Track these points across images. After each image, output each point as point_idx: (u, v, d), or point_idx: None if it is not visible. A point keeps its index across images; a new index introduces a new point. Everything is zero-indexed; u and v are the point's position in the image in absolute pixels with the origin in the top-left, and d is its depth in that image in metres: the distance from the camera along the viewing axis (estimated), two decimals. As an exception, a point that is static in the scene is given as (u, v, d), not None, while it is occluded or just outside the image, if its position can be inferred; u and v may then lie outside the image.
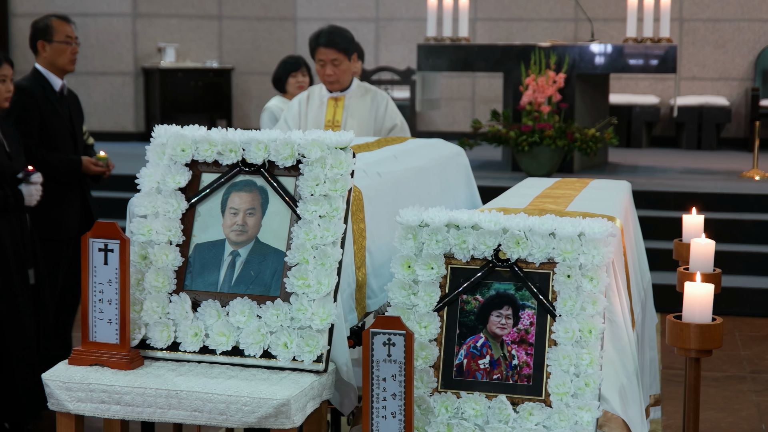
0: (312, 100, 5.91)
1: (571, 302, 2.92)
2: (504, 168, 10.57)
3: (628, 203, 4.57)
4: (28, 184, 5.23)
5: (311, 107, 5.89)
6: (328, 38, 5.71)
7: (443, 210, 3.11)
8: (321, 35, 5.75)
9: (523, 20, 14.04)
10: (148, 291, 3.14)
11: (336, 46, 5.70)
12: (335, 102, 5.85)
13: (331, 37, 5.72)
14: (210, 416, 2.88)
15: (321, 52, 5.73)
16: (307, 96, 5.95)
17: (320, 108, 5.88)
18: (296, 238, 3.08)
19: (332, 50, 5.71)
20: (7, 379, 5.21)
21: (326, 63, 5.73)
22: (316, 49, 5.75)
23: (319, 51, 5.74)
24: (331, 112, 5.85)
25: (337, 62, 5.73)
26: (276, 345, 3.02)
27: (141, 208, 3.21)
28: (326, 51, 5.71)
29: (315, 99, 5.91)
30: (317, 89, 5.95)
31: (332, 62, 5.72)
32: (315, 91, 5.96)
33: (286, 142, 3.15)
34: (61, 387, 2.97)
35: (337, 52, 5.72)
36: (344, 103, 5.85)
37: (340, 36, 5.75)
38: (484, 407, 2.92)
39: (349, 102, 5.86)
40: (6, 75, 5.21)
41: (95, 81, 13.63)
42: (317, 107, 5.88)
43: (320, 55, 5.75)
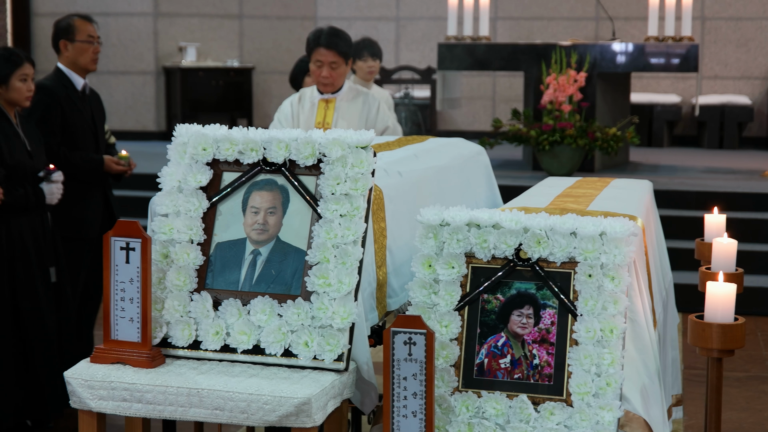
0: (303, 101, 5.78)
1: (593, 302, 2.92)
2: (525, 167, 10.55)
3: (650, 202, 4.55)
4: (49, 183, 5.25)
5: (303, 109, 5.76)
6: (329, 40, 5.57)
7: (464, 209, 3.11)
8: (321, 36, 5.59)
9: (543, 19, 14.01)
10: (170, 289, 3.14)
11: (337, 49, 5.56)
12: (326, 104, 5.71)
13: (332, 39, 5.57)
14: (231, 415, 2.88)
15: (320, 53, 5.58)
16: (298, 97, 5.81)
17: (311, 110, 5.74)
18: (317, 237, 3.09)
19: (332, 53, 5.57)
20: (30, 376, 5.23)
21: (324, 65, 5.59)
22: (315, 49, 5.59)
23: (318, 52, 5.59)
24: (321, 113, 5.71)
25: (335, 65, 5.59)
26: (297, 344, 3.03)
27: (162, 207, 3.22)
28: (326, 53, 5.56)
29: (306, 101, 5.78)
30: (308, 91, 5.81)
31: (330, 65, 5.59)
32: (306, 93, 5.81)
33: (307, 141, 3.15)
34: (83, 385, 2.99)
35: (336, 55, 5.58)
36: (335, 105, 5.71)
37: (341, 38, 5.61)
38: (505, 407, 2.92)
39: (340, 104, 5.72)
40: (27, 74, 5.24)
41: (117, 80, 13.68)
42: (308, 109, 5.75)
43: (319, 56, 5.59)
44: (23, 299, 5.15)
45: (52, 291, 5.33)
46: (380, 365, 2.89)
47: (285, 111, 5.76)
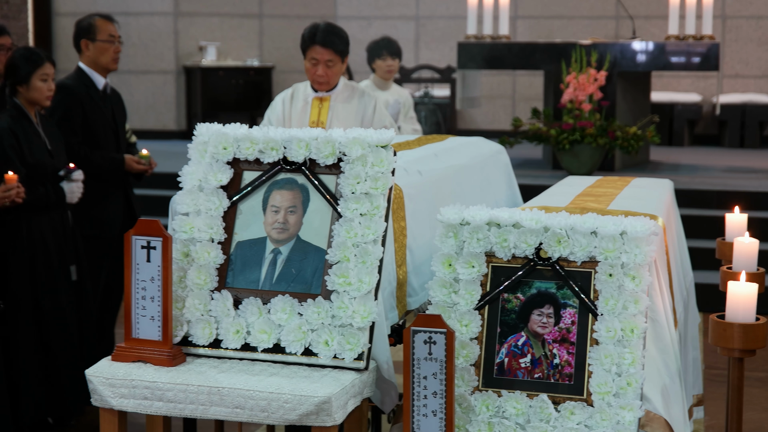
0: (296, 99, 5.53)
1: (613, 301, 2.91)
2: (545, 166, 10.53)
3: (671, 202, 4.54)
4: (69, 182, 5.27)
5: (295, 107, 5.52)
6: (326, 38, 5.31)
7: (484, 208, 3.11)
8: (317, 33, 5.33)
9: (563, 18, 13.97)
10: (191, 288, 3.15)
11: (333, 47, 5.32)
12: (320, 102, 5.46)
13: (329, 37, 5.32)
14: (252, 413, 2.89)
15: (316, 50, 5.32)
16: (291, 94, 5.55)
17: (304, 108, 5.50)
18: (337, 236, 3.09)
19: (329, 51, 5.31)
20: (51, 374, 5.26)
21: (319, 63, 5.34)
22: (311, 46, 5.33)
23: (314, 49, 5.32)
24: (315, 112, 5.47)
25: (331, 63, 5.35)
26: (317, 343, 3.03)
27: (183, 206, 3.23)
28: (322, 51, 5.30)
29: (299, 98, 5.53)
30: (302, 87, 5.56)
31: (326, 63, 5.33)
32: (299, 90, 5.57)
33: (327, 140, 3.16)
34: (104, 383, 3.00)
35: (333, 53, 5.33)
36: (329, 104, 5.48)
37: (337, 36, 5.36)
38: (525, 406, 2.92)
39: (335, 103, 5.47)
40: (48, 74, 5.26)
41: (137, 80, 13.72)
42: (301, 107, 5.50)
43: (314, 53, 5.33)
44: (44, 297, 5.18)
45: (72, 289, 5.35)
46: (400, 364, 2.89)
47: (276, 110, 5.55)
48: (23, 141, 5.13)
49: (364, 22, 14.38)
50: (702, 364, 5.33)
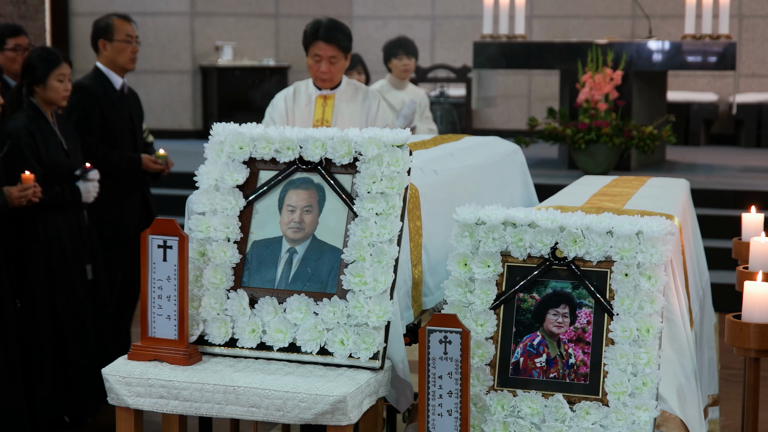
0: (299, 97, 5.42)
1: (629, 301, 2.90)
2: (560, 166, 10.51)
3: (687, 201, 4.53)
4: (85, 181, 5.29)
5: (298, 105, 5.40)
6: (329, 33, 5.22)
7: (500, 208, 3.10)
8: (320, 29, 5.25)
9: (579, 17, 13.95)
10: (207, 287, 3.16)
11: (337, 43, 5.23)
12: (324, 100, 5.37)
13: (332, 33, 5.23)
14: (267, 412, 2.89)
15: (319, 47, 5.24)
16: (293, 92, 5.44)
17: (308, 106, 5.39)
18: (353, 236, 3.09)
19: (332, 47, 5.23)
20: (67, 373, 5.28)
21: (323, 59, 5.25)
22: (314, 42, 5.25)
23: (317, 45, 5.24)
24: (320, 111, 5.37)
25: (335, 60, 5.26)
26: (332, 342, 3.03)
27: (199, 206, 3.23)
28: (325, 47, 5.22)
29: (302, 96, 5.41)
30: (303, 86, 5.45)
31: (330, 59, 5.24)
32: (301, 88, 5.45)
33: (343, 139, 3.16)
34: (120, 382, 3.00)
35: (336, 49, 5.24)
36: (334, 102, 5.38)
37: (341, 32, 5.27)
38: (540, 406, 2.91)
39: (339, 101, 5.38)
40: (65, 74, 5.27)
41: (154, 79, 13.75)
42: (304, 105, 5.39)
43: (317, 50, 5.24)
44: (60, 296, 5.20)
45: (88, 288, 5.37)
46: (416, 364, 2.89)
47: (279, 108, 5.43)
48: (40, 141, 5.15)
49: (380, 21, 14.38)
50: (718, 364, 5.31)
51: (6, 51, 5.86)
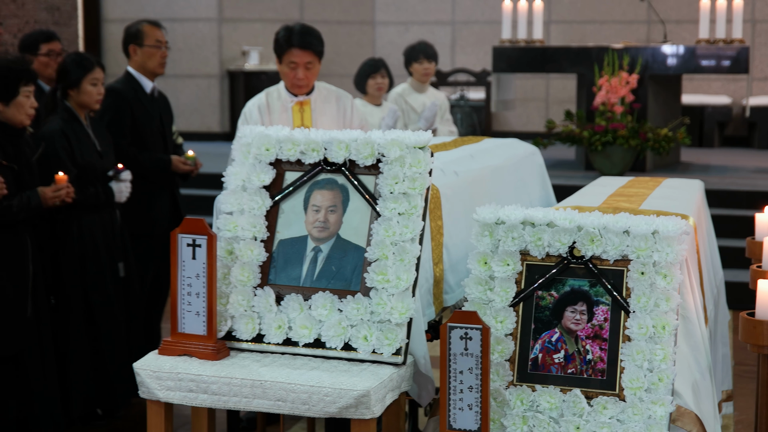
0: (272, 106, 5.18)
1: (645, 299, 2.89)
2: (577, 167, 10.48)
3: (701, 202, 4.51)
4: (118, 182, 5.31)
5: (273, 113, 5.16)
6: (304, 39, 5.03)
7: (519, 208, 3.10)
8: (293, 35, 5.04)
9: (596, 22, 13.91)
10: (234, 285, 3.16)
11: (312, 48, 5.05)
12: (300, 106, 5.16)
13: (306, 39, 5.04)
14: (293, 406, 2.89)
15: (294, 54, 5.04)
16: (266, 101, 5.20)
17: (284, 114, 5.16)
18: (376, 235, 3.09)
19: (308, 53, 5.04)
20: (100, 367, 5.30)
21: (299, 66, 5.05)
22: (288, 50, 5.05)
23: (292, 53, 5.04)
24: (298, 117, 5.15)
25: (311, 65, 5.07)
26: (356, 338, 3.03)
27: (227, 205, 3.24)
28: (301, 53, 5.03)
29: (275, 104, 5.19)
30: (274, 93, 5.22)
31: (306, 65, 5.05)
32: (273, 96, 5.22)
33: (366, 141, 3.16)
34: (151, 376, 3.01)
35: (312, 55, 5.06)
36: (311, 107, 5.17)
37: (315, 37, 5.09)
38: (558, 400, 2.90)
39: (315, 105, 5.19)
40: (98, 78, 5.29)
41: (183, 83, 13.79)
42: (280, 113, 5.16)
43: (293, 57, 5.04)
44: (93, 293, 5.22)
45: (121, 285, 5.39)
46: (437, 359, 2.89)
47: (254, 119, 5.15)
48: (74, 143, 5.17)
49: (402, 27, 14.38)
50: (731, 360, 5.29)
51: (40, 56, 5.89)
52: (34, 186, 4.85)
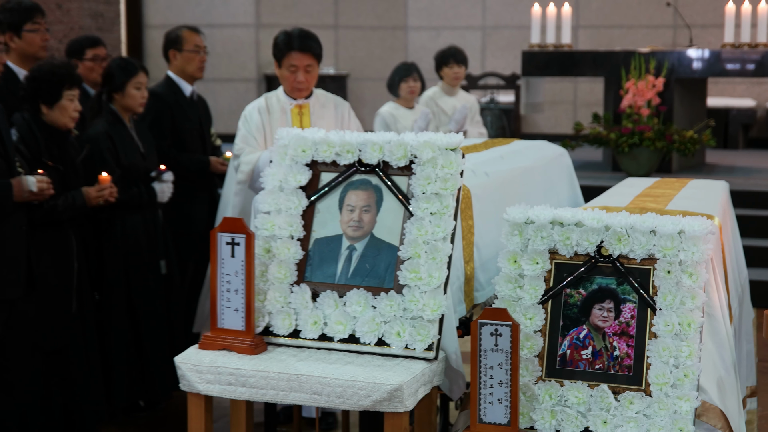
0: (272, 109, 5.06)
1: (671, 297, 2.88)
2: (605, 168, 10.43)
3: (726, 202, 4.48)
4: (160, 182, 5.34)
5: (273, 117, 5.04)
6: (303, 43, 4.89)
7: (548, 208, 3.09)
8: (293, 39, 4.90)
9: (623, 27, 13.83)
10: (272, 282, 3.18)
11: (312, 51, 4.92)
12: (299, 110, 5.04)
13: (305, 42, 4.90)
14: (328, 399, 2.90)
15: (294, 57, 4.90)
16: (265, 104, 5.07)
17: (283, 117, 5.03)
18: (409, 234, 3.09)
19: (308, 55, 4.91)
20: (142, 360, 5.33)
21: (299, 69, 4.91)
22: (288, 53, 4.91)
23: (292, 56, 4.90)
24: (297, 120, 5.03)
25: (311, 68, 4.94)
26: (390, 334, 3.04)
27: (265, 205, 3.25)
28: (300, 56, 4.89)
29: (275, 108, 5.06)
30: (273, 97, 5.10)
31: (306, 68, 4.92)
32: (272, 100, 5.09)
33: (399, 143, 3.16)
34: (192, 369, 3.03)
35: (311, 58, 4.93)
36: (309, 111, 5.06)
37: (313, 40, 4.95)
38: (586, 395, 2.90)
39: (314, 109, 5.08)
40: (141, 82, 5.32)
41: (221, 87, 13.85)
42: (280, 117, 5.03)
43: (293, 60, 4.90)
44: (136, 289, 5.25)
45: (162, 282, 5.41)
46: (468, 355, 2.89)
47: (255, 121, 5.05)
48: (118, 144, 5.20)
49: (433, 32, 14.37)
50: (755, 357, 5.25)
51: (85, 61, 5.92)
52: (79, 186, 4.89)
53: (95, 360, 5.04)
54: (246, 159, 5.00)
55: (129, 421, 5.41)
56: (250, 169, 4.97)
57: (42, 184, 4.47)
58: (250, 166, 4.97)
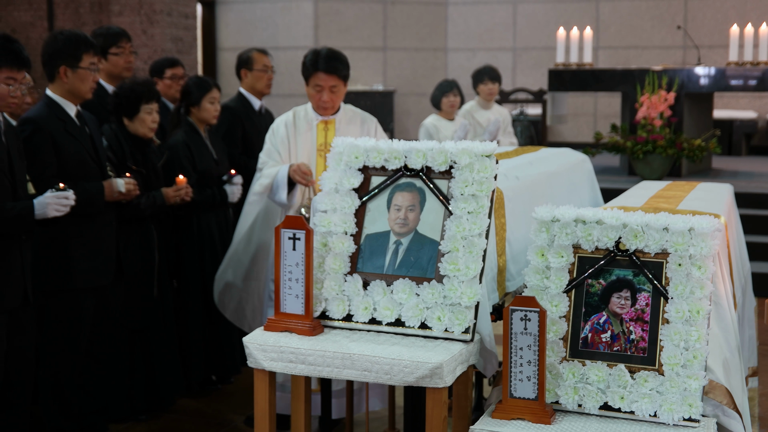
0: (299, 123, 4.70)
1: (682, 287, 2.84)
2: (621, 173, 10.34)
3: (731, 203, 4.42)
4: (231, 185, 5.37)
5: (299, 131, 4.67)
6: (330, 64, 4.50)
7: (571, 208, 3.06)
8: (320, 60, 4.51)
9: (638, 48, 13.71)
10: (328, 272, 3.17)
11: (337, 73, 4.52)
12: (325, 125, 4.66)
13: (332, 63, 4.51)
14: (377, 375, 2.89)
15: (320, 77, 4.52)
16: (293, 118, 4.72)
17: (309, 132, 4.67)
18: (448, 230, 3.08)
19: (333, 77, 4.52)
20: (215, 340, 5.36)
21: (324, 89, 4.54)
22: (314, 73, 4.53)
23: (318, 76, 4.52)
24: (322, 135, 4.65)
25: (336, 89, 4.55)
26: (431, 318, 3.02)
27: (322, 205, 3.25)
28: (326, 77, 4.51)
29: (302, 122, 4.70)
30: (302, 112, 4.75)
31: (331, 88, 4.54)
32: (300, 114, 4.74)
33: (441, 150, 3.15)
34: (258, 348, 3.04)
35: (337, 79, 4.53)
36: (335, 127, 4.67)
37: (340, 62, 4.54)
38: (605, 374, 2.87)
39: (340, 125, 4.68)
40: (215, 98, 5.36)
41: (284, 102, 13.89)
42: (305, 131, 4.67)
43: (318, 80, 4.53)
44: (210, 278, 5.27)
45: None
46: (500, 337, 2.87)
47: (280, 134, 4.70)
48: (195, 152, 5.24)
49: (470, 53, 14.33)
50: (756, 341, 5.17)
51: (164, 79, 5.98)
52: (160, 187, 4.93)
53: (173, 339, 5.08)
54: (266, 173, 4.65)
55: (203, 393, 5.45)
56: (269, 183, 4.61)
57: (129, 186, 4.51)
58: (268, 180, 4.61)
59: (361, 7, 14.08)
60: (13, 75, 3.85)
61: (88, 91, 4.38)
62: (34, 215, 3.95)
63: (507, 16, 14.31)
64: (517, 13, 14.27)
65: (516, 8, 14.27)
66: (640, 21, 13.75)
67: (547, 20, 13.98)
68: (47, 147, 4.24)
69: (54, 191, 4.01)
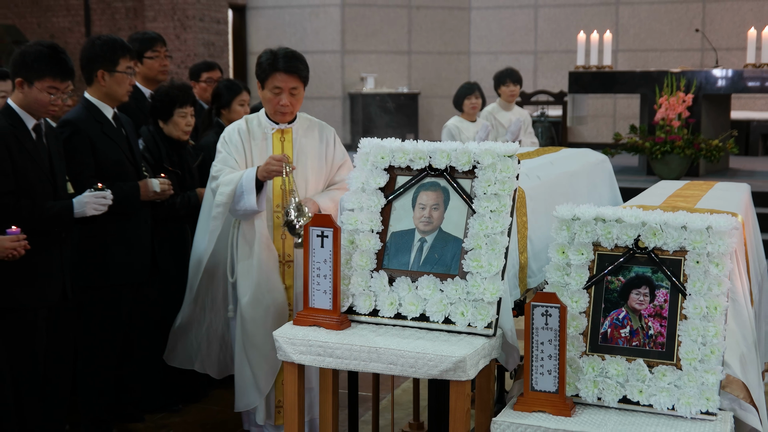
0: (253, 132, 4.14)
1: (700, 284, 2.83)
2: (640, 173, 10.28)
3: (748, 202, 4.38)
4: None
5: (254, 140, 4.12)
6: (289, 64, 4.01)
7: (591, 206, 3.06)
8: (278, 60, 4.01)
9: (657, 50, 13.62)
10: (355, 269, 3.18)
11: (298, 73, 4.03)
12: (281, 135, 4.14)
13: (292, 63, 4.02)
14: (402, 368, 2.90)
15: (278, 78, 4.02)
16: (245, 126, 4.15)
17: (264, 141, 4.13)
18: (472, 228, 3.08)
19: (294, 77, 4.03)
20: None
21: (283, 91, 4.03)
22: (272, 74, 4.02)
23: (276, 77, 4.02)
24: (278, 146, 4.12)
25: (296, 91, 4.05)
26: (455, 313, 3.03)
27: (349, 204, 3.26)
28: (286, 78, 4.01)
29: (256, 131, 4.15)
30: (254, 120, 4.17)
31: (291, 90, 4.04)
32: (253, 122, 4.16)
33: (464, 151, 3.15)
34: (287, 342, 3.05)
35: (297, 80, 4.04)
36: (292, 137, 4.16)
37: (300, 61, 4.07)
38: (624, 368, 2.86)
39: (297, 136, 4.16)
40: (245, 100, 5.38)
41: (312, 104, 13.94)
42: (261, 140, 4.13)
43: (277, 81, 4.02)
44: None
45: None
46: (522, 332, 2.87)
47: (234, 143, 4.12)
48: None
49: (492, 56, 14.30)
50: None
51: (201, 82, 6.01)
52: (194, 188, 4.95)
53: (206, 333, 5.09)
54: (226, 179, 4.05)
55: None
56: (231, 190, 4.01)
57: (164, 186, 4.54)
58: (231, 187, 4.01)
59: (386, 12, 14.08)
60: (56, 85, 3.87)
61: (125, 94, 4.41)
62: (73, 214, 3.98)
63: (528, 20, 14.26)
64: (538, 17, 14.23)
65: (537, 12, 14.23)
66: (658, 24, 13.67)
67: (568, 24, 13.92)
68: (85, 148, 4.27)
69: (92, 191, 4.05)
